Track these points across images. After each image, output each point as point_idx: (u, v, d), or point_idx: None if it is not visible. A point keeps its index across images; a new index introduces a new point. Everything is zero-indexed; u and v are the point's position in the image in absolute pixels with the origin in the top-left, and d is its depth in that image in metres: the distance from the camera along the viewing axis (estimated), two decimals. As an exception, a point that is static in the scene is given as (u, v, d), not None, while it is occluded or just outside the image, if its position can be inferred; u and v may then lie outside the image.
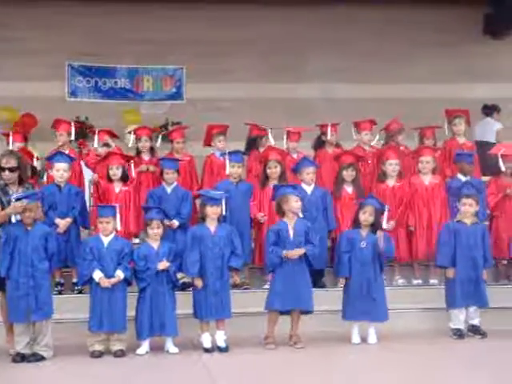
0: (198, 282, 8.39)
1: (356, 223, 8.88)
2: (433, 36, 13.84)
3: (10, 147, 10.20)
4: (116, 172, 9.73)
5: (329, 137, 10.77)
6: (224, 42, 13.54)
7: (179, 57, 13.62)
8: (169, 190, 9.75)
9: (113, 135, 10.90)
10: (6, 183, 8.36)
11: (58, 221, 9.23)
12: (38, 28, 13.22)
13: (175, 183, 9.80)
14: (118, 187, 9.75)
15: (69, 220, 9.30)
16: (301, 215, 8.71)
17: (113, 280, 8.18)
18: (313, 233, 8.65)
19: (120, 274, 8.24)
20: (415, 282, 10.10)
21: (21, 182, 8.40)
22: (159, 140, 11.09)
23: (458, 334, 8.92)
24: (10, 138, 10.41)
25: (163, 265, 8.32)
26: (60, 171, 9.40)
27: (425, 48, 13.74)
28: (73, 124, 10.65)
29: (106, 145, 10.61)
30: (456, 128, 10.86)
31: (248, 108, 13.24)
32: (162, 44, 13.47)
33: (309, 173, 9.75)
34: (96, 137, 10.58)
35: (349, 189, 10.00)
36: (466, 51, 13.88)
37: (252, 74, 13.60)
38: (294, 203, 8.62)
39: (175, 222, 9.47)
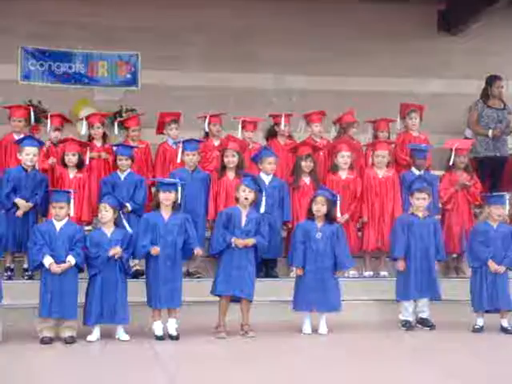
0: (155, 251, 8.29)
1: (310, 215, 8.93)
2: (387, 30, 13.89)
3: None
4: (72, 158, 9.67)
5: (282, 127, 10.79)
6: (180, 28, 13.45)
7: (134, 43, 13.50)
8: (122, 176, 9.70)
9: (65, 120, 10.78)
10: None
11: (18, 200, 9.13)
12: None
13: (129, 170, 9.75)
14: (72, 173, 9.67)
15: (30, 205, 9.20)
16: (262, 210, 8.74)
17: (63, 265, 8.10)
18: (265, 224, 8.68)
19: (71, 260, 8.16)
20: (366, 273, 10.20)
21: None
22: (115, 127, 11.00)
23: (408, 325, 9.03)
24: None
25: (114, 250, 8.26)
26: (30, 155, 9.32)
27: (379, 42, 13.79)
28: (31, 109, 10.54)
29: (58, 129, 10.50)
30: (411, 122, 10.97)
31: (203, 96, 13.19)
32: (117, 29, 13.33)
33: (270, 162, 9.76)
34: (48, 121, 10.45)
35: (307, 179, 10.04)
36: (420, 46, 13.97)
37: (207, 62, 13.53)
38: (241, 192, 8.63)
39: (128, 206, 9.40)
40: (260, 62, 13.71)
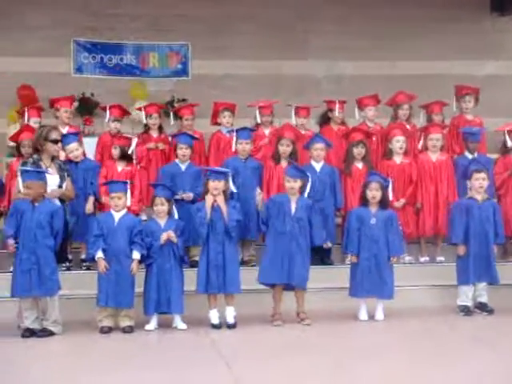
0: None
1: (363, 201, 8.88)
2: (440, 13, 13.70)
3: (26, 123, 10.19)
4: (114, 152, 9.73)
5: (336, 114, 10.73)
6: (230, 17, 13.45)
7: (184, 33, 13.53)
8: (183, 167, 9.71)
9: (124, 111, 10.82)
10: (39, 158, 8.33)
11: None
12: (44, 3, 13.13)
13: (189, 161, 9.74)
14: (120, 166, 9.72)
15: (92, 198, 9.34)
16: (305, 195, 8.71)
17: (134, 267, 8.23)
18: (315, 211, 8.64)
19: (136, 256, 8.27)
20: (422, 259, 10.11)
21: (53, 157, 8.44)
22: (171, 117, 11.04)
23: (466, 310, 8.94)
24: (26, 114, 10.36)
25: (166, 235, 8.29)
26: (73, 151, 9.44)
27: (432, 25, 13.62)
28: (72, 97, 10.66)
29: (117, 120, 10.56)
30: (465, 105, 10.81)
31: (254, 85, 13.17)
32: (167, 20, 13.39)
33: (316, 149, 9.71)
34: (107, 112, 10.54)
35: (359, 165, 9.98)
36: (473, 28, 13.78)
37: (258, 51, 13.49)
38: (286, 183, 8.64)
39: (190, 195, 9.42)
40: (310, 49, 13.66)
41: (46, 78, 12.84)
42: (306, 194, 8.71)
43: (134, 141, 9.93)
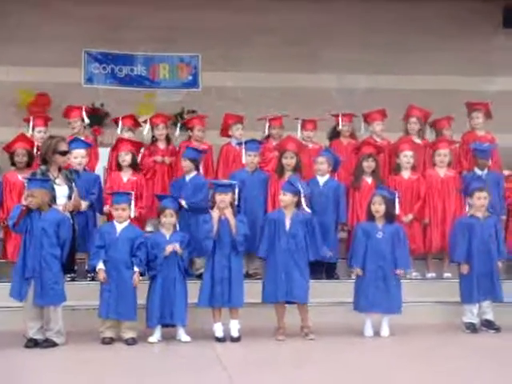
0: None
1: (370, 215, 8.85)
2: (451, 28, 13.71)
3: (30, 132, 10.26)
4: (125, 158, 9.70)
5: (340, 127, 10.71)
6: (241, 29, 13.47)
7: (195, 45, 13.56)
8: (187, 178, 9.71)
9: (136, 121, 10.81)
10: (47, 168, 8.41)
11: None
12: (55, 14, 13.20)
13: (194, 172, 9.72)
14: (126, 176, 9.71)
15: (87, 203, 9.26)
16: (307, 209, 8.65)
17: (135, 279, 8.22)
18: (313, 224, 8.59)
19: (137, 269, 8.26)
20: (429, 275, 10.06)
21: (60, 168, 8.46)
22: (177, 129, 11.05)
23: (471, 327, 8.88)
24: (31, 123, 10.40)
25: (171, 247, 8.28)
26: (78, 158, 9.43)
27: (443, 40, 13.62)
28: (83, 108, 10.61)
29: (131, 130, 10.56)
30: (473, 121, 10.77)
31: (264, 98, 13.19)
32: (178, 31, 13.42)
33: (319, 162, 9.67)
34: (120, 123, 10.53)
35: (368, 179, 9.94)
36: (485, 43, 13.75)
37: (268, 63, 13.52)
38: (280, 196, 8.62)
39: (183, 203, 9.35)
40: (322, 62, 13.66)
41: (57, 88, 12.92)
42: (305, 208, 8.63)
43: (141, 150, 9.95)
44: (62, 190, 8.47)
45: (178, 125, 11.14)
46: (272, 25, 13.55)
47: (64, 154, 8.48)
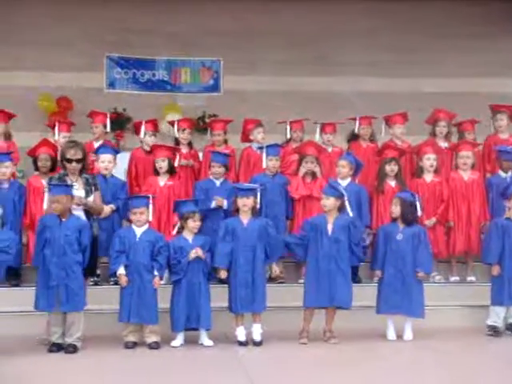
0: (222, 273, 8.36)
1: (392, 218, 8.82)
2: (468, 29, 13.65)
3: (56, 138, 10.32)
4: (162, 164, 9.72)
5: (356, 130, 10.69)
6: (262, 33, 13.48)
7: (217, 49, 13.58)
8: (218, 182, 9.72)
9: (156, 127, 10.83)
10: (65, 173, 8.43)
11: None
12: (77, 18, 13.27)
13: (223, 178, 9.74)
14: (162, 181, 9.73)
15: (112, 207, 9.29)
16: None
17: (156, 281, 8.24)
18: (355, 227, 8.56)
19: (157, 277, 8.27)
20: (452, 278, 9.99)
21: (80, 172, 8.47)
22: (208, 133, 11.04)
23: (495, 330, 8.81)
24: (56, 129, 10.48)
25: (195, 252, 8.28)
26: (105, 162, 9.52)
27: (459, 41, 13.56)
28: (108, 116, 10.68)
29: (154, 135, 10.59)
30: (498, 124, 10.68)
31: (285, 101, 13.18)
32: (199, 36, 13.45)
33: (342, 165, 9.64)
34: (143, 127, 10.55)
35: (392, 183, 9.89)
36: (505, 44, 13.66)
37: (289, 67, 13.52)
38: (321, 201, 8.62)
39: (225, 202, 9.42)
40: (338, 65, 13.63)
41: (79, 93, 12.99)
42: (349, 211, 8.61)
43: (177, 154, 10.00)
44: (78, 194, 8.43)
45: (208, 129, 11.03)
46: (293, 28, 13.57)
47: (69, 161, 8.44)
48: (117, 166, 9.88)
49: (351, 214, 8.68)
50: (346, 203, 8.61)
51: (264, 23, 13.47)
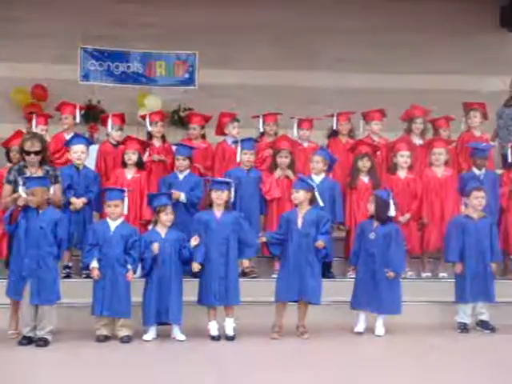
0: (196, 266, 8.35)
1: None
2: (448, 27, 13.72)
3: (34, 130, 10.24)
4: (132, 157, 9.67)
5: (334, 126, 10.69)
6: (238, 27, 13.46)
7: (192, 42, 13.54)
8: (181, 176, 9.68)
9: (123, 121, 10.78)
10: (24, 165, 8.35)
11: (73, 200, 9.23)
12: (52, 10, 13.18)
13: (188, 171, 9.71)
14: (130, 174, 9.68)
15: (84, 200, 9.26)
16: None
17: (129, 275, 8.21)
18: (325, 222, 8.57)
19: (130, 271, 8.23)
20: (424, 275, 10.04)
21: (40, 164, 8.38)
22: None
23: (463, 327, 8.88)
24: (34, 121, 10.43)
25: (156, 248, 8.23)
26: (78, 153, 9.43)
27: (440, 39, 13.63)
28: (78, 107, 10.61)
29: (121, 129, 10.54)
30: (471, 121, 10.74)
31: (261, 95, 13.17)
32: (174, 29, 13.40)
33: (316, 161, 9.65)
34: (109, 121, 10.50)
35: (365, 179, 9.90)
36: (481, 42, 13.76)
37: (265, 61, 13.52)
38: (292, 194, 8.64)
39: (182, 195, 9.38)
40: (320, 60, 13.65)
41: (53, 85, 12.90)
42: (320, 201, 8.62)
43: (147, 149, 9.95)
44: None
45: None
46: (269, 22, 13.57)
47: (28, 153, 8.35)
48: (89, 158, 9.82)
49: (322, 204, 8.68)
50: (316, 194, 8.62)
51: (240, 17, 13.42)
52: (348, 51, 13.62)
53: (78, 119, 10.57)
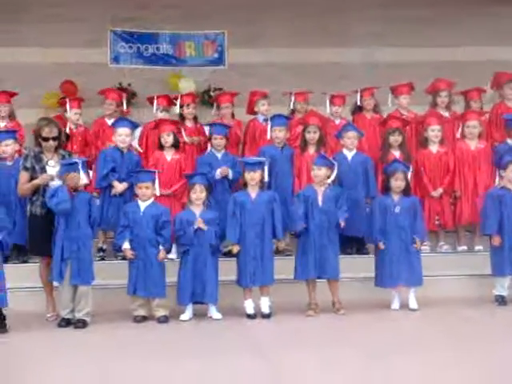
0: (235, 248, 8.37)
1: (387, 189, 8.83)
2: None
3: (68, 114, 10.47)
4: (167, 139, 9.67)
5: (358, 102, 10.63)
6: (266, 5, 13.38)
7: (220, 22, 13.50)
8: (219, 155, 9.66)
9: (171, 100, 10.73)
10: (40, 150, 8.40)
11: (115, 183, 9.26)
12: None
13: (224, 150, 9.69)
14: (169, 155, 9.68)
15: (125, 185, 9.27)
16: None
17: (161, 255, 8.26)
18: (343, 198, 8.57)
19: (162, 251, 8.29)
20: (460, 248, 9.99)
21: (56, 149, 8.43)
22: (214, 107, 10.97)
23: (501, 300, 8.83)
24: (68, 105, 10.57)
25: (199, 222, 8.27)
26: (122, 136, 9.42)
27: (468, 11, 13.45)
28: (124, 96, 10.84)
29: (166, 110, 10.56)
30: (508, 92, 10.61)
31: (290, 73, 13.11)
32: (203, 9, 13.35)
33: (349, 137, 9.60)
34: (155, 102, 10.52)
35: (396, 153, 9.83)
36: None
37: (294, 39, 13.42)
38: (312, 172, 8.62)
39: (227, 169, 9.39)
40: (347, 36, 13.53)
41: (83, 69, 12.92)
42: (330, 181, 8.60)
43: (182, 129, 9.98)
44: (53, 171, 8.38)
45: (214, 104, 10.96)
46: (298, 0, 13.45)
47: (46, 140, 8.39)
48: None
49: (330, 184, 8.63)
50: (333, 174, 8.61)
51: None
52: (376, 25, 13.48)
53: (124, 106, 10.77)
